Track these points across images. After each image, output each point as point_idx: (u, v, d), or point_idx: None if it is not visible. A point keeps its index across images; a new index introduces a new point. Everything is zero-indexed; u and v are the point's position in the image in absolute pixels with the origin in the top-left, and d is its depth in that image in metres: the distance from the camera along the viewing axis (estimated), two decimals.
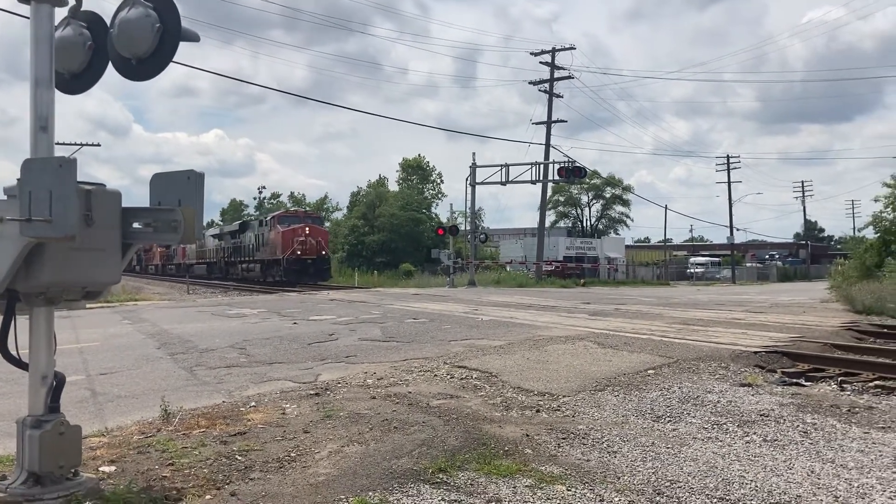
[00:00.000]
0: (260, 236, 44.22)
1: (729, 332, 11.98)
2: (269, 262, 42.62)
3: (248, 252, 46.66)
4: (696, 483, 4.73)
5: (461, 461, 5.08)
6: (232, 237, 50.68)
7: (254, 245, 45.23)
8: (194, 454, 5.20)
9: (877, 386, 8.19)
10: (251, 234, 46.35)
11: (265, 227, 43.97)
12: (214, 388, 8.16)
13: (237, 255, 49.06)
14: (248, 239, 46.65)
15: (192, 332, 13.66)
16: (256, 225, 46.88)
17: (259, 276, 44.15)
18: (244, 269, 47.27)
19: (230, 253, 50.65)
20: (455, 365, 9.20)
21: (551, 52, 45.19)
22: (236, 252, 49.38)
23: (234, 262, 49.71)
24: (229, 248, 51.01)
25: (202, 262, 58.00)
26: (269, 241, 42.48)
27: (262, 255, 43.62)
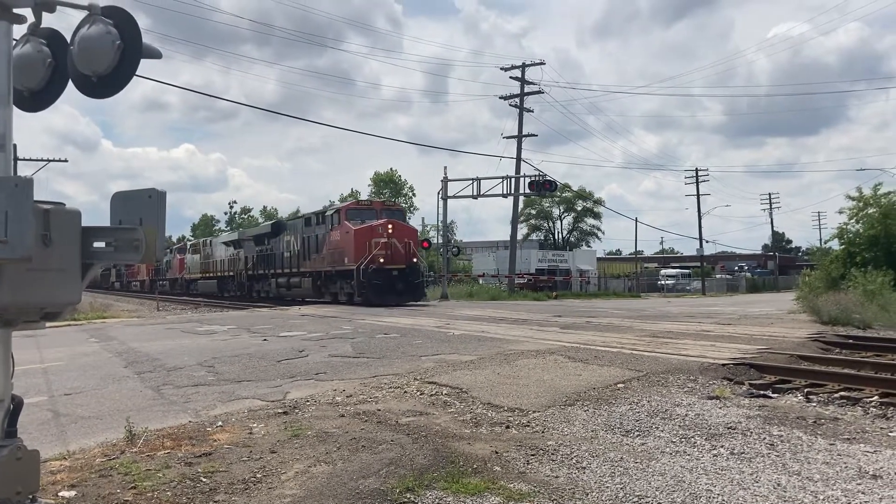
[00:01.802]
0: (311, 239, 32.54)
1: (698, 344, 12.07)
2: (331, 275, 30.68)
3: (287, 262, 35.26)
4: (663, 498, 4.74)
5: (429, 480, 5.04)
6: (258, 243, 39.36)
7: (298, 251, 33.88)
8: (158, 477, 5.11)
9: (842, 397, 8.29)
10: (292, 237, 35.11)
11: (323, 225, 31.84)
12: (181, 407, 8.04)
13: (267, 265, 37.86)
14: (287, 244, 35.54)
15: (160, 350, 13.47)
16: (302, 224, 34.59)
17: (310, 293, 32.64)
18: (282, 285, 35.70)
19: (255, 263, 39.58)
20: (425, 381, 9.16)
21: (521, 67, 45.52)
22: (265, 262, 38.19)
23: (263, 276, 38.66)
24: (254, 256, 39.94)
25: (209, 277, 48.22)
26: (330, 245, 30.57)
27: (315, 265, 31.99)
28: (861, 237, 25.12)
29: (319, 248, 31.48)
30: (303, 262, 33.09)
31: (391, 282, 27.76)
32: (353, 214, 30.04)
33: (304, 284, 32.90)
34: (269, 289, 37.60)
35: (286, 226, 37.36)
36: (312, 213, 34.25)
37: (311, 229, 32.62)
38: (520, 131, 45.77)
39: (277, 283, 36.08)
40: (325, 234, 31.05)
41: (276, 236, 36.80)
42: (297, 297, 34.13)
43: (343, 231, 29.44)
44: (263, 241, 38.62)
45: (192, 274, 52.83)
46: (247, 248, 41.16)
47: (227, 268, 45.01)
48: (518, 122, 45.80)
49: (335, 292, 30.65)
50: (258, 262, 39.21)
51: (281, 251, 35.99)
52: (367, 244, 27.76)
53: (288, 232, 35.78)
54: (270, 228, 38.40)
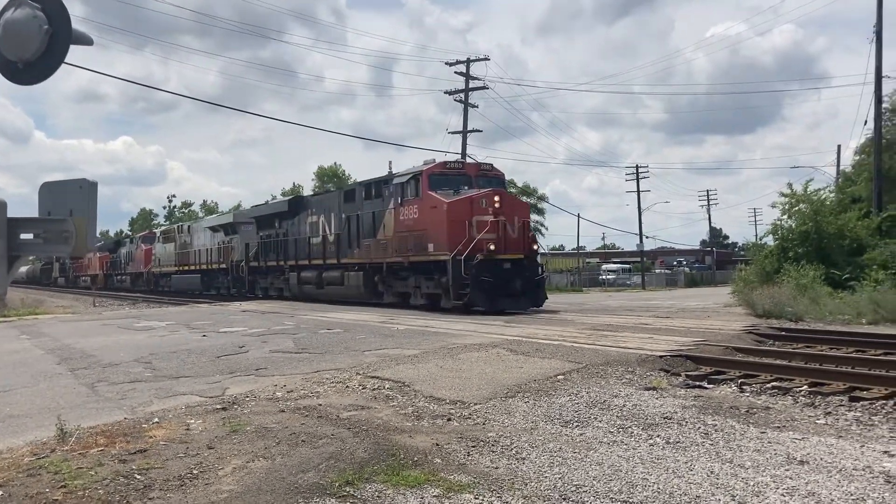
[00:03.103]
0: (361, 219, 23.72)
1: (637, 336, 12.28)
2: (400, 268, 21.98)
3: (316, 249, 26.58)
4: (601, 487, 4.81)
5: (369, 473, 5.03)
6: (265, 226, 31.04)
7: (338, 236, 25.06)
8: (90, 475, 4.99)
9: (774, 387, 8.54)
10: (321, 217, 26.49)
11: (380, 199, 22.90)
12: (116, 404, 7.86)
13: (281, 254, 29.28)
14: (313, 227, 26.95)
15: (95, 347, 13.13)
16: (339, 200, 25.69)
17: (359, 291, 23.82)
18: (307, 281, 26.89)
19: (261, 252, 31.17)
20: (367, 375, 9.13)
21: (466, 62, 45.58)
22: (278, 250, 29.65)
23: (273, 268, 30.16)
24: (258, 244, 31.52)
25: (189, 270, 39.73)
26: (400, 226, 21.52)
27: (370, 254, 23.07)
28: (794, 233, 25.86)
29: (375, 231, 22.74)
30: (347, 251, 24.39)
31: (505, 279, 19.21)
32: (438, 182, 20.62)
33: (350, 280, 24.14)
34: (286, 285, 29.06)
35: (310, 203, 28.47)
36: (361, 182, 25.14)
37: (358, 205, 24.00)
38: (465, 126, 45.88)
39: (301, 277, 27.39)
40: (388, 211, 22.18)
41: (294, 216, 28.52)
42: (339, 297, 24.98)
43: (426, 205, 20.46)
44: (273, 224, 30.18)
45: (163, 267, 44.27)
46: (244, 233, 33.11)
47: (215, 258, 36.30)
48: (463, 118, 45.90)
49: (406, 292, 22.02)
50: (265, 250, 30.81)
51: (303, 235, 27.50)
52: (467, 224, 19.20)
53: (313, 210, 27.30)
54: (287, 206, 29.32)
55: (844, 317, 17.35)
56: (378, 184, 23.35)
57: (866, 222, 26.26)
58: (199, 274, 38.71)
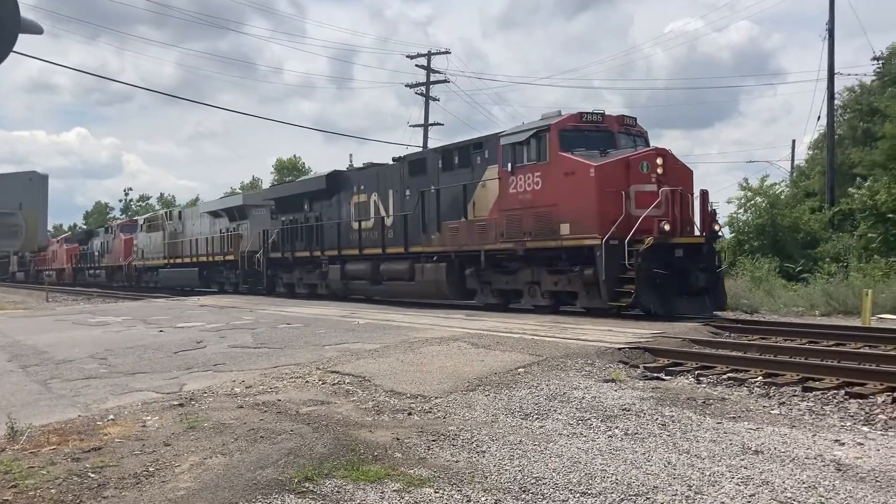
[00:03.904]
0: (440, 195, 18.50)
1: (596, 329, 12.38)
2: (510, 257, 16.75)
3: (366, 237, 21.48)
4: (560, 479, 4.84)
5: (329, 469, 5.00)
6: (287, 209, 25.68)
7: (398, 219, 20.00)
8: (41, 474, 4.88)
9: (729, 378, 8.68)
10: (374, 196, 21.28)
11: (467, 168, 17.86)
12: (70, 401, 7.72)
13: (312, 241, 23.93)
14: (360, 208, 21.83)
15: (48, 343, 12.87)
16: (403, 172, 20.18)
17: (440, 288, 18.53)
18: (356, 275, 21.90)
19: (284, 240, 25.63)
20: (328, 370, 9.08)
21: (427, 55, 45.48)
22: (307, 237, 24.28)
23: (301, 260, 24.78)
24: (279, 230, 25.98)
25: (183, 263, 33.83)
26: (506, 201, 16.42)
27: (458, 239, 17.83)
28: (749, 226, 26.34)
29: (464, 210, 17.52)
30: (418, 237, 19.04)
31: (680, 271, 14.30)
32: (572, 139, 15.33)
33: (426, 274, 18.56)
34: (322, 280, 23.74)
35: (355, 179, 22.65)
36: (437, 149, 19.69)
37: (431, 178, 18.64)
38: (426, 120, 45.79)
39: (346, 271, 22.21)
40: (482, 184, 16.99)
41: (332, 196, 23.19)
42: (405, 295, 20.07)
43: (556, 171, 15.12)
44: (300, 206, 24.87)
45: (149, 259, 38.60)
46: (256, 218, 28.14)
47: (217, 249, 30.88)
48: (424, 111, 45.80)
49: (513, 290, 16.84)
50: (290, 237, 25.31)
51: (347, 219, 22.41)
52: (623, 197, 14.34)
53: (361, 188, 21.96)
54: (325, 183, 23.34)
55: (798, 308, 17.74)
56: (465, 149, 17.92)
57: (819, 216, 26.86)
58: (195, 267, 32.68)
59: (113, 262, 44.54)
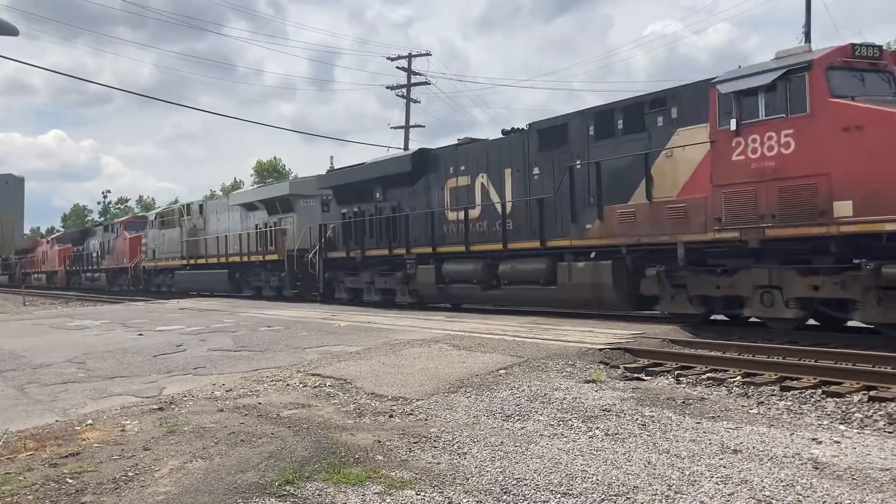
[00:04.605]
0: (596, 169, 13.92)
1: (577, 330, 12.43)
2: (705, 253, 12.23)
3: (475, 228, 17.15)
4: (541, 480, 4.86)
5: (310, 472, 4.99)
6: (350, 198, 21.60)
7: (541, 204, 15.18)
8: (18, 480, 4.83)
9: (709, 378, 8.75)
10: (480, 177, 17.15)
11: (647, 127, 13.21)
12: (48, 406, 7.65)
13: (399, 237, 19.33)
14: (467, 192, 17.48)
15: (25, 347, 12.74)
16: (525, 144, 15.95)
17: (595, 295, 14.03)
18: (461, 277, 17.41)
19: (352, 235, 21.15)
20: (309, 373, 9.05)
21: (408, 57, 45.49)
22: (389, 232, 19.78)
23: (377, 261, 20.32)
24: (348, 225, 21.38)
25: (205, 265, 29.59)
26: (724, 173, 11.53)
27: (627, 229, 13.30)
28: None
29: (633, 189, 13.32)
30: (560, 225, 14.80)
31: None
32: (844, 81, 10.75)
33: (575, 275, 14.25)
34: (404, 284, 19.35)
35: (450, 158, 18.28)
36: (584, 112, 14.88)
37: (576, 149, 14.56)
38: (407, 122, 45.78)
39: (444, 272, 17.73)
40: (667, 153, 12.78)
41: (417, 181, 19.02)
42: (539, 302, 15.71)
43: (823, 124, 10.56)
44: (370, 194, 20.66)
45: (161, 260, 33.97)
46: (304, 210, 24.22)
47: (254, 247, 26.17)
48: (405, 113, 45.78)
49: (736, 295, 12.03)
50: (354, 232, 21.08)
51: (436, 208, 18.25)
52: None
53: (459, 168, 17.73)
54: (411, 165, 19.10)
55: None
56: (635, 108, 13.61)
57: None
58: (223, 269, 28.03)
59: (115, 264, 39.96)
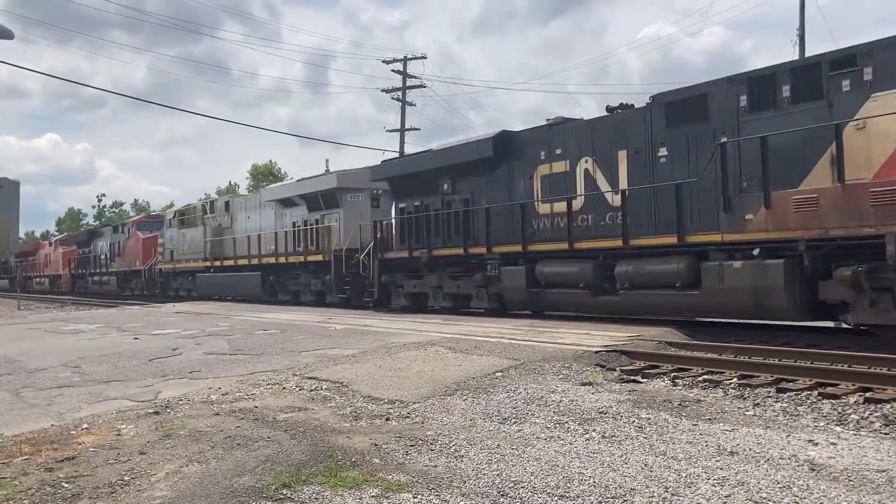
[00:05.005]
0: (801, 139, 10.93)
1: (573, 332, 12.44)
2: None
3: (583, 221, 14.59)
4: (538, 482, 4.86)
5: (307, 475, 4.98)
6: (421, 190, 18.67)
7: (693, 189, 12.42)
8: (14, 485, 4.82)
9: (705, 380, 8.76)
10: (583, 161, 14.63)
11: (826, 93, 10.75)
12: (43, 410, 7.62)
13: (476, 235, 16.82)
14: (564, 180, 14.96)
15: (20, 351, 12.70)
16: (647, 119, 13.44)
17: (770, 301, 11.10)
18: (563, 280, 14.67)
19: (413, 233, 18.81)
20: (305, 376, 9.04)
21: (403, 60, 45.51)
22: (466, 227, 17.16)
23: (445, 261, 17.88)
24: (409, 221, 19.02)
25: (232, 267, 27.28)
26: None
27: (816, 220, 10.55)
28: None
29: (832, 168, 10.67)
30: (705, 216, 12.36)
31: None
32: None
33: (735, 279, 11.61)
34: (482, 287, 16.69)
35: (536, 141, 15.81)
36: (732, 78, 12.22)
37: (725, 122, 12.12)
38: (402, 125, 45.80)
39: (535, 274, 15.26)
40: (870, 123, 10.24)
41: (495, 169, 16.57)
42: (684, 310, 13.08)
43: None
44: (436, 186, 18.13)
45: (180, 262, 31.61)
46: (351, 206, 22.00)
47: (290, 247, 24.10)
48: (401, 116, 45.81)
49: None
50: (417, 229, 18.63)
51: (525, 199, 15.73)
52: None
53: (557, 154, 15.20)
54: (492, 149, 16.43)
55: None
56: (807, 69, 11.37)
57: None
58: (256, 271, 25.46)
59: (127, 266, 37.34)
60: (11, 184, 52.45)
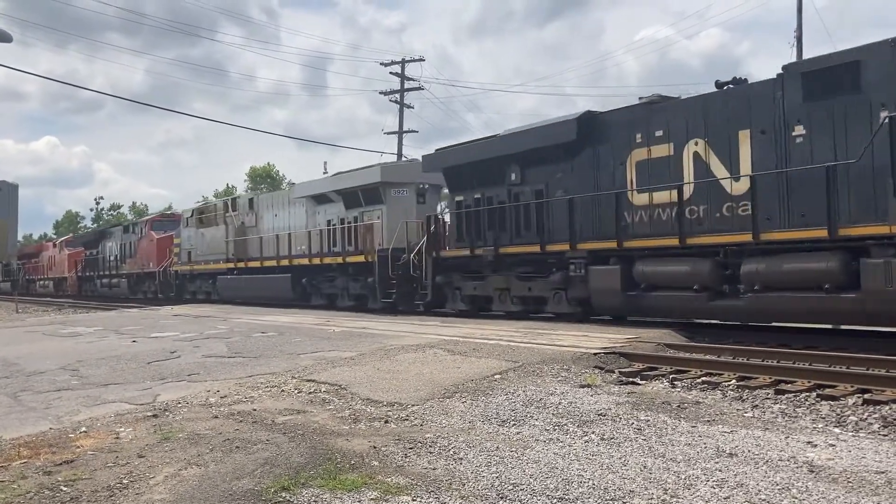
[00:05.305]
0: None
1: (571, 334, 12.44)
2: None
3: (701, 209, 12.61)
4: (537, 485, 4.86)
5: (305, 478, 4.97)
6: (483, 181, 16.83)
7: None
8: (12, 488, 4.81)
9: (704, 382, 8.76)
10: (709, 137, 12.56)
11: None
12: (41, 414, 7.61)
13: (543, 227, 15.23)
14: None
15: (18, 355, 12.68)
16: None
17: None
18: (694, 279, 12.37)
19: (472, 230, 16.96)
20: (303, 379, 9.04)
21: (401, 62, 45.53)
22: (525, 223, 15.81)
23: (513, 261, 15.98)
24: (472, 216, 16.99)
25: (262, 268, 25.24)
26: None
27: None
28: None
29: None
30: (865, 206, 10.55)
31: None
32: None
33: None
34: (560, 290, 14.95)
35: (629, 122, 14.00)
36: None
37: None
38: (400, 127, 45.80)
39: (633, 274, 13.46)
40: None
41: (575, 155, 14.80)
42: (838, 317, 11.43)
43: None
44: (501, 176, 16.38)
45: (198, 263, 29.65)
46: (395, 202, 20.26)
47: (326, 247, 22.31)
48: (399, 118, 45.84)
49: None
50: (479, 225, 16.82)
51: (611, 187, 14.05)
52: None
53: (656, 136, 13.48)
54: (575, 132, 14.53)
55: None
56: None
57: None
58: (286, 273, 23.65)
59: (139, 268, 35.42)
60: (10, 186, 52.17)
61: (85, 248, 44.32)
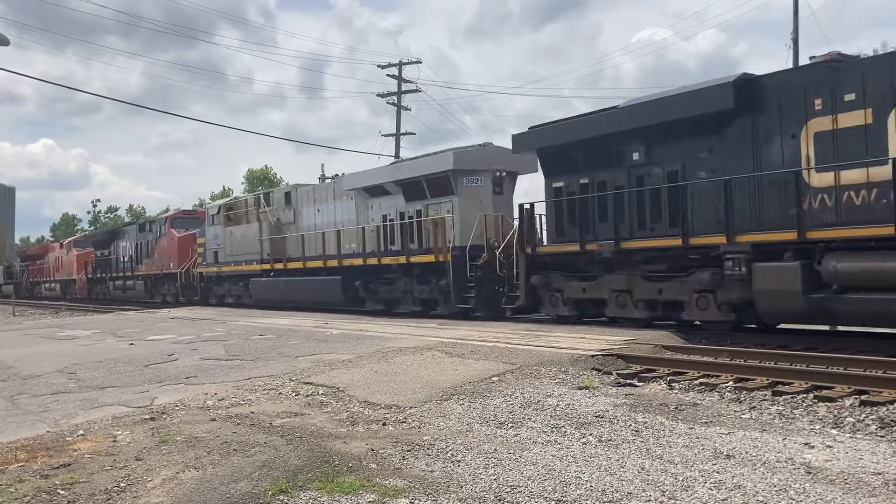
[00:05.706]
0: None
1: (569, 336, 12.44)
2: None
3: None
4: (535, 487, 4.86)
5: (303, 481, 4.97)
6: (595, 163, 14.09)
7: None
8: (9, 492, 4.80)
9: (701, 383, 8.77)
10: None
11: None
12: (38, 417, 7.60)
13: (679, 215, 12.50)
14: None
15: (15, 358, 12.66)
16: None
17: None
18: None
19: (575, 220, 14.38)
20: (301, 381, 9.03)
21: (398, 65, 45.51)
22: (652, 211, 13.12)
23: (634, 258, 13.35)
24: (575, 206, 14.43)
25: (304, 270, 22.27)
26: None
27: None
28: None
29: None
30: None
31: None
32: None
33: None
34: (708, 293, 12.27)
35: (806, 83, 11.16)
36: None
37: None
38: (398, 129, 45.80)
39: (831, 271, 10.39)
40: None
41: (726, 126, 12.12)
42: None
43: None
44: (616, 156, 13.91)
45: (227, 264, 26.75)
46: (468, 192, 17.58)
47: (382, 245, 19.63)
48: (396, 120, 45.82)
49: None
50: (588, 213, 14.32)
51: (776, 164, 11.47)
52: None
53: (853, 101, 10.49)
54: (733, 100, 11.69)
55: None
56: None
57: None
58: (336, 275, 20.83)
59: (158, 269, 32.41)
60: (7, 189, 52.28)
61: (95, 248, 41.57)
